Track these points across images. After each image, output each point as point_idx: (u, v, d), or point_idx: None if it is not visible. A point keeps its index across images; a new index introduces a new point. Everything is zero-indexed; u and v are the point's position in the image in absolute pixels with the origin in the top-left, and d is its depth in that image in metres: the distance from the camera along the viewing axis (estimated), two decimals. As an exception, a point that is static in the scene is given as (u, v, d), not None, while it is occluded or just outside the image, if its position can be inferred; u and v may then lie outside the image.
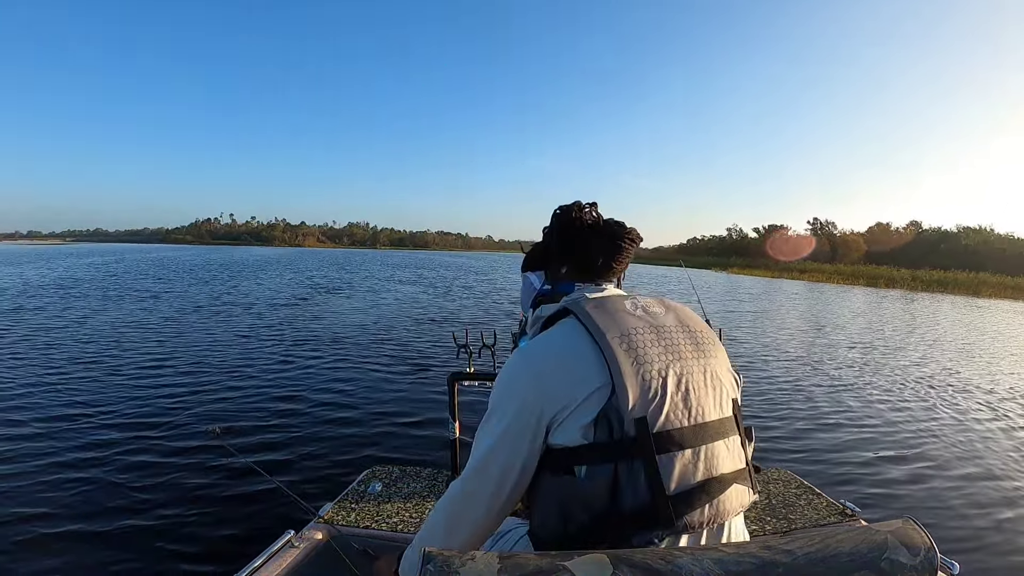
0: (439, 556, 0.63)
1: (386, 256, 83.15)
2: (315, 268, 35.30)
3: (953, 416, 5.97)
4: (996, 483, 4.08)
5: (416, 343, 9.38)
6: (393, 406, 5.58)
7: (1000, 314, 22.83)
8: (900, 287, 41.24)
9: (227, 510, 3.35)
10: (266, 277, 25.13)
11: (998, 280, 41.63)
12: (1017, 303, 32.46)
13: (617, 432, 0.79)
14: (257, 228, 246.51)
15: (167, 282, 21.00)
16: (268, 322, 11.35)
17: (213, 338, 9.17)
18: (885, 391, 7.03)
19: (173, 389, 5.98)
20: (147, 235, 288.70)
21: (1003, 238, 63.88)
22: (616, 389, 0.80)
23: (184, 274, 25.90)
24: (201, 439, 4.39)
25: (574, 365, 0.83)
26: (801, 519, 2.04)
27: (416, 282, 25.62)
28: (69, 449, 4.18)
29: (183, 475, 3.81)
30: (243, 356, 7.89)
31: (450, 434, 2.22)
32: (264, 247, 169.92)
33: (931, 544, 0.68)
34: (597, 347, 0.83)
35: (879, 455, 4.58)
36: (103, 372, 6.61)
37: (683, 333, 0.91)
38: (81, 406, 5.24)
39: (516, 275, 39.22)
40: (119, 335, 9.07)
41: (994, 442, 5.09)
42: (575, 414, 0.81)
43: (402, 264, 47.78)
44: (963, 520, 3.43)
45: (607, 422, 0.80)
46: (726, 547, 0.67)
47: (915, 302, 27.38)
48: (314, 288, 20.19)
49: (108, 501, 3.39)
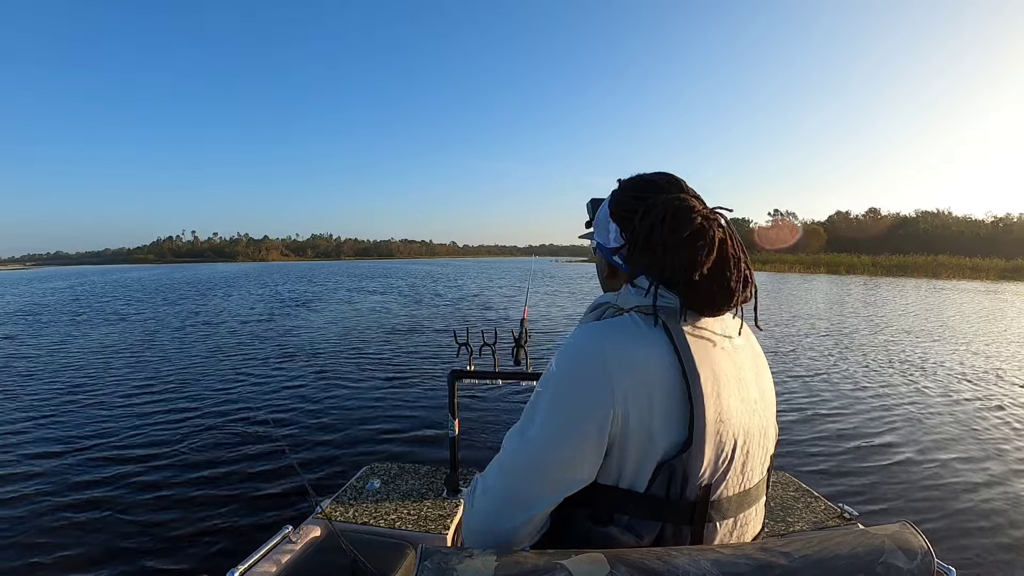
0: (437, 552, 0.62)
1: (352, 267, 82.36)
2: (283, 282, 34.53)
3: (953, 414, 5.64)
4: (998, 488, 3.86)
5: (411, 346, 9.39)
6: (392, 404, 5.59)
7: (973, 295, 22.94)
8: (861, 273, 41.29)
9: (225, 506, 3.35)
10: (237, 294, 24.28)
11: (956, 261, 42.14)
12: (975, 282, 32.72)
13: (675, 491, 0.70)
14: (220, 244, 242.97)
15: (140, 303, 19.97)
16: (256, 334, 11.19)
17: (202, 353, 8.94)
18: (883, 388, 6.67)
19: (170, 403, 5.82)
20: (109, 256, 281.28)
21: (961, 220, 65.03)
22: (693, 447, 0.69)
23: (154, 294, 24.91)
24: (198, 436, 4.56)
25: (658, 399, 0.70)
26: (799, 522, 2.02)
27: (389, 291, 24.97)
28: (67, 465, 4.11)
29: (182, 475, 3.82)
30: (235, 365, 7.86)
31: (450, 431, 2.15)
32: (228, 263, 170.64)
33: (928, 548, 0.67)
34: (686, 387, 0.70)
35: (876, 457, 4.41)
36: (88, 397, 6.20)
37: (755, 376, 0.81)
38: (71, 429, 4.99)
39: (485, 278, 35.43)
40: (99, 359, 8.60)
41: (996, 443, 4.80)
42: (640, 455, 0.71)
43: (369, 275, 46.87)
44: (961, 524, 3.33)
45: (668, 477, 0.70)
46: (723, 548, 0.66)
47: (880, 288, 27.13)
48: (289, 302, 19.54)
49: (103, 503, 3.43)
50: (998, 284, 31.28)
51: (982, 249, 48.13)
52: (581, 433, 0.69)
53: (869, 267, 43.57)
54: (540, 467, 0.72)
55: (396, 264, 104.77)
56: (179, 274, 55.07)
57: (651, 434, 0.69)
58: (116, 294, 25.16)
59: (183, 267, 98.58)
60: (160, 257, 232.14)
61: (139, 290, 27.95)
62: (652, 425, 0.69)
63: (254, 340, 10.34)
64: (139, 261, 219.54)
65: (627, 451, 0.70)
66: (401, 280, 35.73)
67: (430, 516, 1.97)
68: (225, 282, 35.98)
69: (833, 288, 26.80)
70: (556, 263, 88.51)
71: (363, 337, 10.58)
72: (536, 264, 79.72)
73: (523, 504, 0.74)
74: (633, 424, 0.69)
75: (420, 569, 0.60)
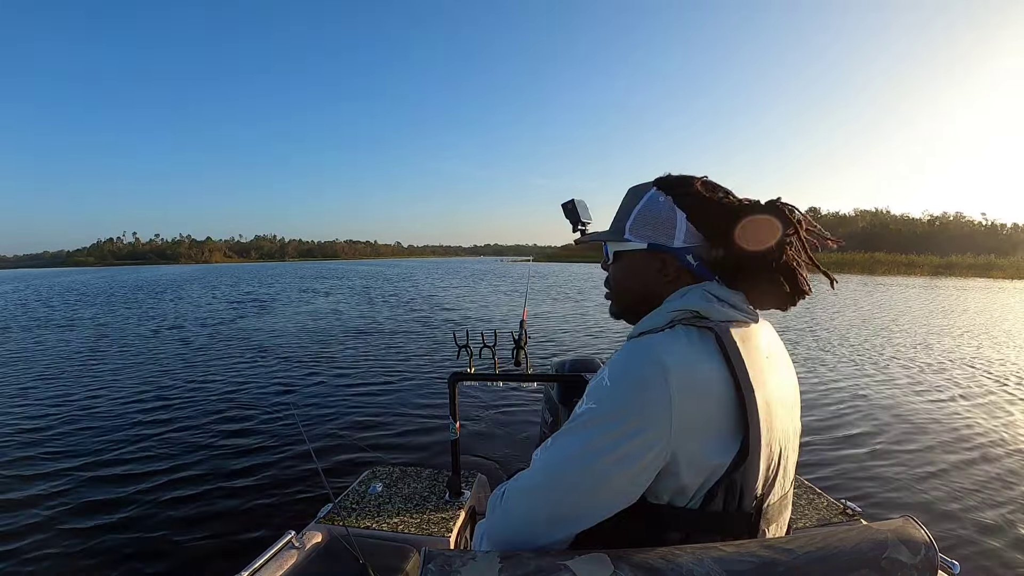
0: (440, 555, 0.63)
1: (298, 268, 79.73)
2: (234, 284, 33.09)
3: (954, 411, 5.59)
4: (1001, 481, 3.84)
5: (410, 345, 9.25)
6: (392, 407, 5.49)
7: (931, 291, 23.15)
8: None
9: (228, 511, 3.34)
10: (191, 297, 22.96)
11: (892, 258, 42.80)
12: (911, 278, 33.34)
13: (732, 505, 0.69)
14: (162, 246, 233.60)
15: (95, 307, 18.56)
16: (242, 339, 10.48)
17: (191, 361, 8.39)
18: (880, 385, 6.60)
19: (164, 410, 5.55)
20: (47, 259, 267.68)
21: (899, 219, 66.83)
22: (750, 460, 0.68)
23: (110, 298, 23.25)
24: (199, 442, 4.53)
25: (715, 417, 0.68)
26: (802, 519, 1.99)
27: (361, 293, 23.73)
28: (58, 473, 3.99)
29: (183, 482, 3.79)
30: (226, 370, 7.51)
31: (451, 434, 2.13)
32: (171, 265, 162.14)
33: (931, 543, 0.67)
34: (741, 400, 0.68)
35: (879, 453, 4.34)
36: (74, 407, 5.80)
37: (790, 382, 0.80)
38: (67, 438, 4.79)
39: (437, 278, 34.81)
40: (75, 367, 8.03)
41: (999, 438, 4.73)
42: (695, 475, 0.68)
43: (318, 275, 45.49)
44: (965, 519, 3.29)
45: (725, 492, 0.68)
46: (727, 546, 0.65)
47: (840, 284, 27.89)
48: (266, 304, 18.50)
49: (106, 510, 3.40)
50: (933, 280, 31.48)
51: (918, 246, 49.30)
52: (634, 455, 0.66)
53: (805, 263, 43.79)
54: (588, 486, 0.68)
55: (344, 265, 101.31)
56: (123, 276, 51.53)
57: (708, 454, 0.67)
58: (68, 299, 23.45)
59: (125, 270, 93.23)
60: (101, 259, 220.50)
61: (88, 294, 26.13)
62: (709, 446, 0.67)
63: (241, 345, 9.77)
64: (79, 264, 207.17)
65: (682, 472, 0.67)
66: (359, 280, 35.23)
67: (433, 519, 1.96)
68: (175, 285, 34.00)
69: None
70: (502, 263, 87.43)
71: (362, 338, 10.38)
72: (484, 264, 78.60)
73: (562, 523, 0.70)
74: (692, 448, 0.66)
75: (424, 572, 0.60)
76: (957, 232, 56.21)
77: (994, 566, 2.83)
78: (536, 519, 0.70)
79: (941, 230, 58.40)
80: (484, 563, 0.61)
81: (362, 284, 30.64)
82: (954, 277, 34.02)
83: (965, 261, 39.68)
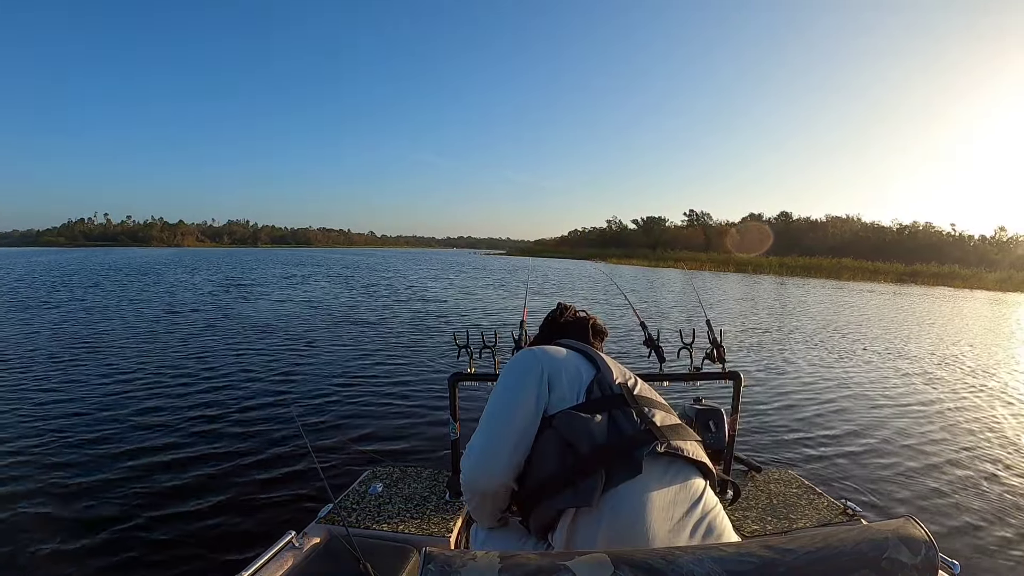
0: (440, 556, 0.63)
1: (273, 254, 79.02)
2: (213, 270, 31.75)
3: (954, 409, 5.71)
4: (1001, 482, 3.93)
5: (411, 344, 9.14)
6: (393, 407, 5.51)
7: (903, 298, 23.66)
8: (768, 272, 41.87)
9: (228, 511, 3.34)
10: (171, 281, 22.47)
11: (858, 264, 43.70)
12: (875, 284, 34.04)
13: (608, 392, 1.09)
14: (134, 228, 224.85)
15: (77, 289, 18.09)
16: (238, 332, 10.13)
17: (182, 346, 8.55)
18: (878, 384, 6.82)
19: (161, 406, 5.43)
20: (16, 238, 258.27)
21: (868, 226, 68.14)
22: (601, 370, 1.13)
23: (91, 278, 22.97)
24: (197, 441, 4.46)
25: (576, 363, 1.16)
26: (802, 519, 2.02)
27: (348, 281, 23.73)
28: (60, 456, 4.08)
29: (182, 481, 3.74)
30: (224, 361, 7.53)
31: (451, 435, 2.16)
32: (143, 247, 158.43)
33: (931, 542, 0.68)
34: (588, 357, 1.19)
35: (878, 453, 4.43)
36: (66, 394, 5.76)
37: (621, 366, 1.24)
38: (62, 431, 4.65)
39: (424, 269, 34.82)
40: (67, 351, 7.97)
41: (1000, 437, 4.88)
42: (574, 384, 1.11)
43: (298, 262, 44.93)
44: (965, 519, 3.34)
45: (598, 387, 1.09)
46: (727, 547, 0.67)
47: (788, 286, 27.66)
48: (262, 294, 17.90)
49: (104, 509, 3.34)
50: (897, 287, 31.88)
51: (885, 254, 50.14)
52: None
53: (776, 267, 44.36)
54: (508, 415, 1.09)
55: (319, 252, 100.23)
56: (97, 258, 49.21)
57: (580, 377, 1.14)
58: (49, 279, 22.66)
59: (97, 251, 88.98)
60: (72, 240, 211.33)
61: (65, 274, 25.31)
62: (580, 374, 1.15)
63: (236, 338, 9.47)
64: (49, 244, 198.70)
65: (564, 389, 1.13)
66: (342, 269, 34.58)
67: (433, 519, 1.98)
68: (153, 268, 32.71)
69: (758, 286, 27.07)
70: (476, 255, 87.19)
71: (361, 334, 10.18)
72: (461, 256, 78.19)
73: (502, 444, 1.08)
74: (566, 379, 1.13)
75: (424, 572, 0.61)
76: (925, 241, 57.28)
77: (994, 566, 2.84)
78: (488, 448, 1.08)
79: (910, 238, 59.51)
80: (484, 563, 0.62)
81: (345, 273, 30.16)
82: (916, 285, 34.63)
83: (929, 270, 40.38)
